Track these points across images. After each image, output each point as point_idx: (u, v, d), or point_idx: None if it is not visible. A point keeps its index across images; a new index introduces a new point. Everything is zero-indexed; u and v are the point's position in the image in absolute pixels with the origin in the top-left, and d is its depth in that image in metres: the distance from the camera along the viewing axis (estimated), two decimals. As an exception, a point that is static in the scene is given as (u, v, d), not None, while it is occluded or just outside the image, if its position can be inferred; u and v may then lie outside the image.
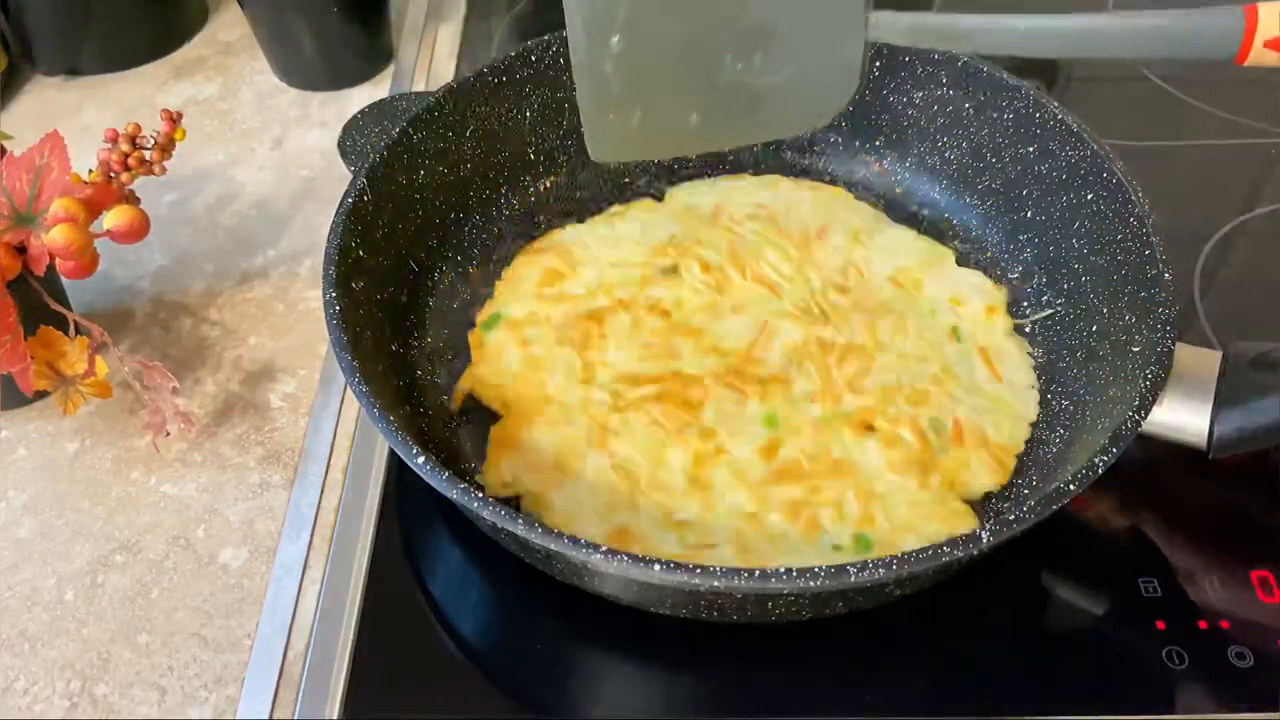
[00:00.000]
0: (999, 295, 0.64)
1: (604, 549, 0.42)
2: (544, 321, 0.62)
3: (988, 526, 0.43)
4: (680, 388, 0.58)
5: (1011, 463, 0.56)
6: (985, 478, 0.55)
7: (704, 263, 0.65)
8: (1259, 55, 0.46)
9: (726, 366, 0.59)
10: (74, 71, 0.89)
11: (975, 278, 0.65)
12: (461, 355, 0.62)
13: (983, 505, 0.55)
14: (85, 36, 0.87)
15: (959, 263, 0.66)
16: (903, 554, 0.42)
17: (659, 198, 0.71)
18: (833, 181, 0.72)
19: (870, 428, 0.56)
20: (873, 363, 0.59)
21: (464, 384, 0.60)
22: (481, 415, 0.59)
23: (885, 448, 0.55)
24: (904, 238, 0.68)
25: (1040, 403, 0.59)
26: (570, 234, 0.68)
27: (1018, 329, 0.63)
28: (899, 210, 0.70)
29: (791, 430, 0.56)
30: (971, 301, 0.63)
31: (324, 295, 0.53)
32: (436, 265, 0.66)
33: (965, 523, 0.53)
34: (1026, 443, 0.57)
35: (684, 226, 0.67)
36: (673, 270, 0.65)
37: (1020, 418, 0.58)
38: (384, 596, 0.53)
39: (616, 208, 0.70)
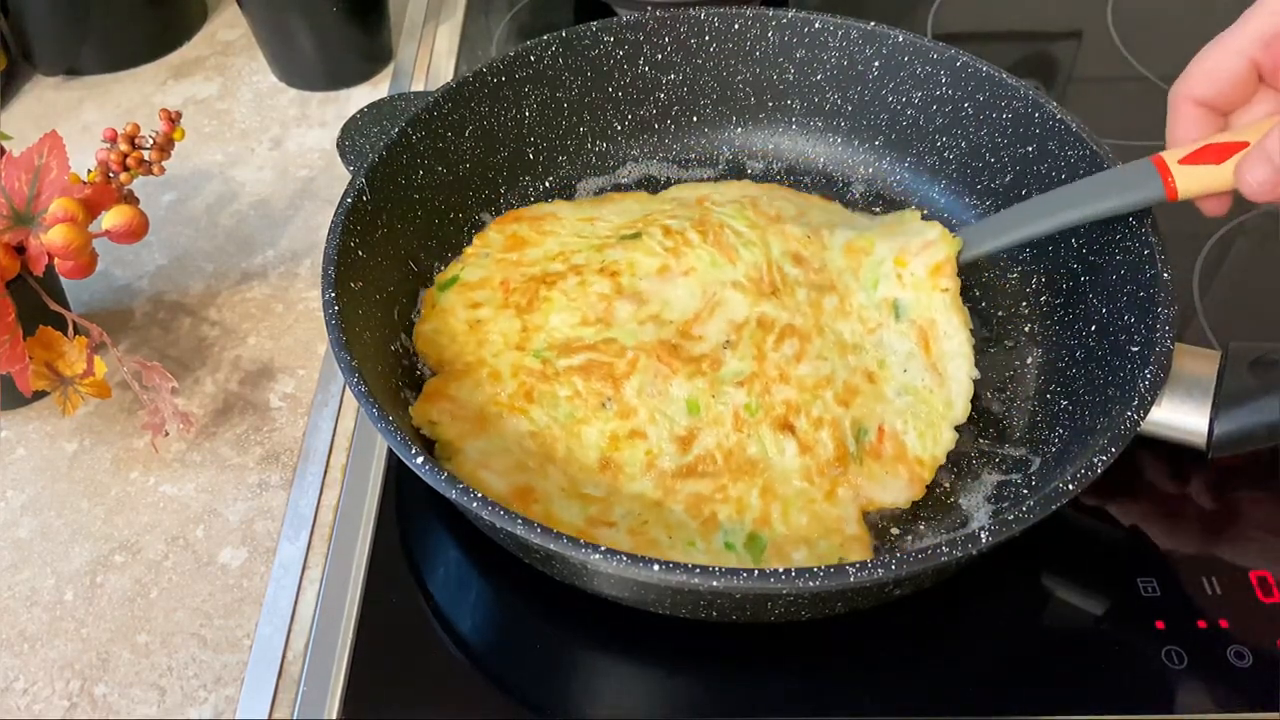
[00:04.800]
0: (947, 249, 0.60)
1: (603, 549, 0.42)
2: (497, 285, 0.62)
3: (988, 526, 0.43)
4: (608, 358, 0.57)
5: (929, 477, 0.55)
6: (897, 493, 0.55)
7: (667, 229, 0.63)
8: (1186, 181, 0.52)
9: (661, 339, 0.57)
10: (73, 71, 0.89)
11: (930, 231, 0.61)
12: (461, 355, 0.62)
13: (895, 513, 0.55)
14: (84, 36, 0.87)
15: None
16: (902, 554, 0.42)
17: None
18: (829, 182, 0.72)
19: (791, 428, 0.55)
20: (809, 346, 0.58)
21: (415, 340, 0.61)
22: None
23: (801, 452, 0.55)
24: (876, 219, 0.66)
25: (1039, 405, 0.59)
26: (550, 207, 0.68)
27: (966, 293, 0.60)
28: (898, 210, 0.70)
29: (712, 419, 0.55)
30: (915, 262, 0.60)
31: (323, 295, 0.53)
32: (436, 265, 0.66)
33: (856, 550, 0.52)
34: (1027, 446, 0.57)
35: (663, 207, 0.67)
36: (634, 237, 0.63)
37: (948, 422, 0.57)
38: (383, 596, 0.53)
39: (611, 194, 0.71)
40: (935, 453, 0.56)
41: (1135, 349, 0.52)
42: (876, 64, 0.69)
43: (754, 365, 0.57)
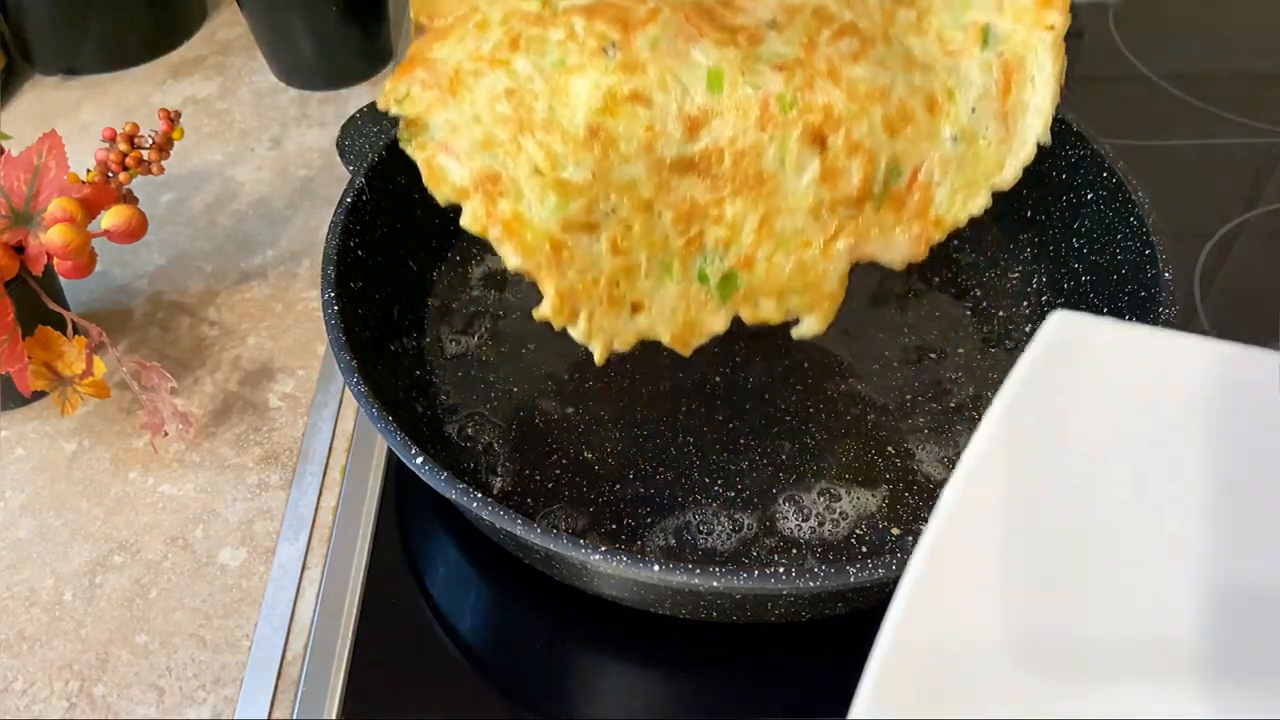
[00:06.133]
0: None
1: (603, 549, 0.42)
2: None
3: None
4: (625, 1, 0.47)
5: (938, 239, 0.50)
6: (898, 251, 0.50)
7: None
8: None
9: (697, 1, 0.48)
10: (72, 71, 0.89)
11: None
12: (461, 355, 0.62)
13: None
14: (83, 36, 0.87)
15: (954, 253, 0.66)
16: (903, 554, 0.42)
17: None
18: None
19: (823, 144, 0.47)
20: (871, 50, 0.48)
21: (412, 9, 0.52)
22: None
23: (822, 180, 0.47)
24: None
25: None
26: None
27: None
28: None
29: (734, 105, 0.46)
30: None
31: (323, 295, 0.53)
32: (436, 265, 0.65)
33: (824, 310, 0.48)
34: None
35: None
36: None
37: (990, 184, 0.50)
38: (383, 597, 0.53)
39: None
40: (959, 215, 0.50)
41: (1136, 349, 0.52)
42: (877, 63, 0.69)
43: (800, 52, 0.47)
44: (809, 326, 0.51)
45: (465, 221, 0.46)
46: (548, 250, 0.45)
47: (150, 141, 0.62)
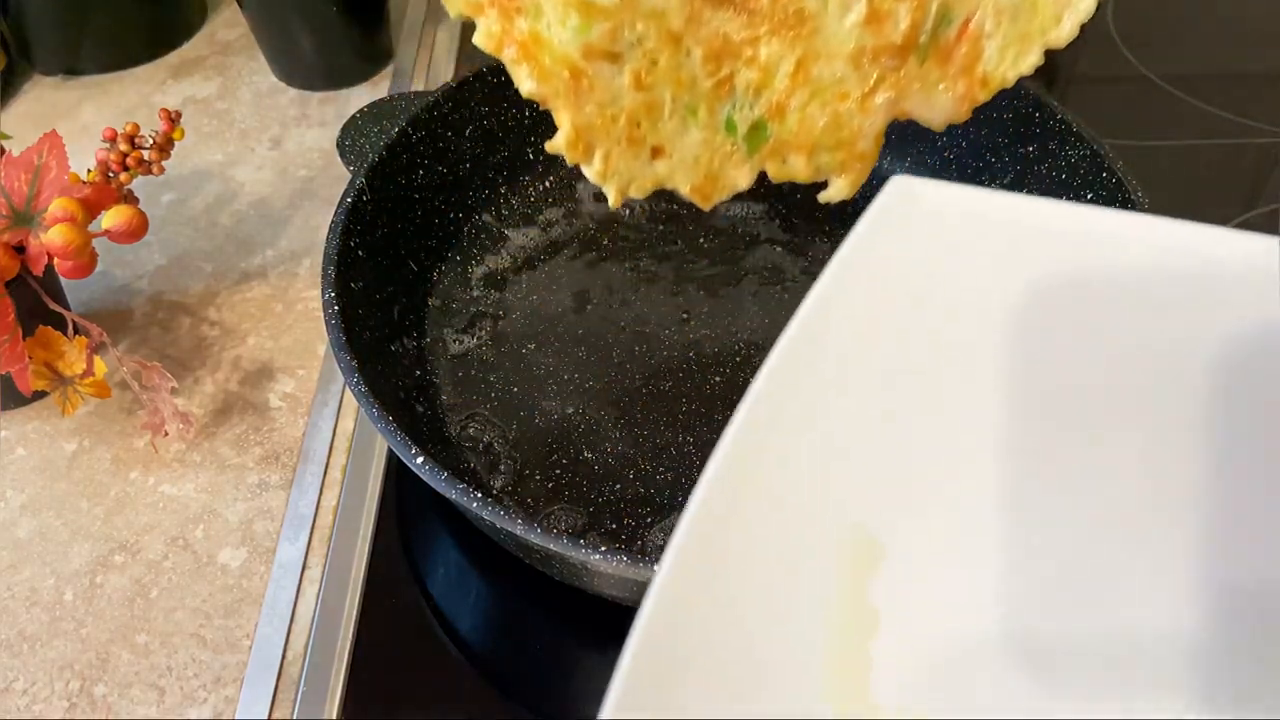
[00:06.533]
0: None
1: (603, 549, 0.42)
2: None
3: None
4: None
5: (983, 99, 0.47)
6: (940, 111, 0.47)
7: None
8: None
9: None
10: (72, 71, 0.89)
11: None
12: (462, 355, 0.62)
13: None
14: (84, 36, 0.87)
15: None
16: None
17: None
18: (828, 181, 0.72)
19: None
20: None
21: None
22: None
23: (867, 23, 0.44)
24: None
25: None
26: None
27: None
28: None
29: None
30: None
31: (323, 295, 0.53)
32: (436, 265, 0.65)
33: (855, 172, 0.46)
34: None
35: None
36: None
37: (1045, 41, 0.47)
38: (383, 597, 0.53)
39: None
40: (1008, 74, 0.47)
41: (1136, 349, 0.52)
42: (877, 63, 0.69)
43: None
44: (838, 190, 0.48)
45: (478, 39, 0.43)
46: (566, 77, 0.42)
47: (151, 141, 0.62)
